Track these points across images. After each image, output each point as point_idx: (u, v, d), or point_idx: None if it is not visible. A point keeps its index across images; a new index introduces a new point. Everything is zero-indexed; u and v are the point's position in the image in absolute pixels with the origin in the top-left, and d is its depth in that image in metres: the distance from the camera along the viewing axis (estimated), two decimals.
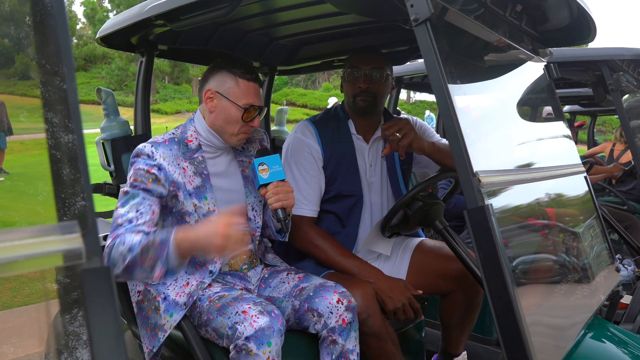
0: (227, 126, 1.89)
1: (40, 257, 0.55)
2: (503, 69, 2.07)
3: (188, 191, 1.85)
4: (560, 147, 2.24)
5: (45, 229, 0.56)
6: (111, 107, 2.44)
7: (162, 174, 1.79)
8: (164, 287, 1.85)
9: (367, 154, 2.33)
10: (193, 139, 1.91)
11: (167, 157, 1.81)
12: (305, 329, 1.89)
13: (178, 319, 1.80)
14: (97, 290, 0.57)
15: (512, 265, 1.30)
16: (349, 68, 2.26)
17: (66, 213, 0.61)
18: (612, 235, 4.15)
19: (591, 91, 3.38)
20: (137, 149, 1.83)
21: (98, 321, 0.56)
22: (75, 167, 0.60)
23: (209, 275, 1.89)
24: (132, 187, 1.76)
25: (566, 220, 2.00)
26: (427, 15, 1.25)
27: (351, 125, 2.33)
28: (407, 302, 2.05)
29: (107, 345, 0.56)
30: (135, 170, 1.78)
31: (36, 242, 0.55)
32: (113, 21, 2.25)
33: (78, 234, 0.56)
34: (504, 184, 1.42)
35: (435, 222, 2.05)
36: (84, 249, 0.56)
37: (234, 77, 1.87)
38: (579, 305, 1.75)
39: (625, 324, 2.58)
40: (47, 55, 0.64)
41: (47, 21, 0.64)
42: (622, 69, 3.00)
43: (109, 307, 0.57)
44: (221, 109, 1.88)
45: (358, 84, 2.23)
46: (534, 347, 1.18)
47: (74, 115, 0.61)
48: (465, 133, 1.24)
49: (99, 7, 39.14)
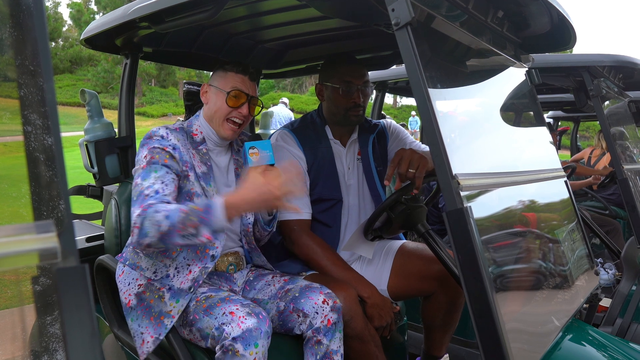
0: (216, 114, 1.99)
1: (16, 255, 0.55)
2: (485, 74, 2.09)
3: (197, 174, 1.92)
4: (541, 151, 2.27)
5: (21, 227, 0.57)
6: (95, 109, 2.43)
7: (176, 153, 1.87)
8: (168, 280, 1.86)
9: (345, 158, 2.38)
10: (198, 133, 2.01)
11: (180, 140, 1.91)
12: (290, 331, 1.89)
13: (185, 304, 1.82)
14: (72, 289, 0.57)
15: (491, 268, 1.32)
16: (342, 82, 2.26)
17: (42, 212, 0.61)
18: (594, 240, 4.22)
19: (573, 97, 3.43)
20: (150, 131, 1.92)
21: (73, 320, 0.56)
22: (52, 166, 0.60)
23: (210, 260, 1.91)
24: (149, 163, 1.82)
25: (546, 224, 2.02)
26: (407, 20, 1.26)
27: (328, 130, 2.38)
28: (391, 320, 2.10)
29: (81, 343, 0.56)
30: (150, 149, 1.85)
31: (11, 241, 0.55)
32: (97, 23, 2.25)
33: (54, 233, 0.56)
34: (484, 186, 1.44)
35: (417, 225, 2.06)
36: (59, 248, 0.56)
37: (224, 71, 2.01)
38: (558, 308, 1.77)
39: (605, 327, 2.61)
40: (25, 55, 0.64)
41: (24, 21, 0.64)
42: (603, 75, 3.04)
43: (84, 306, 0.57)
44: (211, 98, 2.02)
45: (352, 99, 2.25)
46: (512, 348, 1.20)
47: (51, 114, 0.61)
48: (445, 137, 1.26)
49: (85, 9, 38.90)
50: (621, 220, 4.98)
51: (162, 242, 1.67)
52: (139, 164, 1.84)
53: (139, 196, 1.74)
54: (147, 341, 1.81)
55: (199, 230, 1.63)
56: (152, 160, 1.82)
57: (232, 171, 2.10)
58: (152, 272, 1.89)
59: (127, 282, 1.93)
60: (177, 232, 1.64)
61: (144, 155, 1.85)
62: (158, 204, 1.70)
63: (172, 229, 1.63)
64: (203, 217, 1.63)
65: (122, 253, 2.02)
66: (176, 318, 1.80)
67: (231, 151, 2.12)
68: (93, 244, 2.58)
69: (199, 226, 1.63)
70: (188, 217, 1.63)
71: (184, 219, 1.63)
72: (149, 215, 1.66)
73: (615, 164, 2.81)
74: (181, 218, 1.63)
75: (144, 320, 1.84)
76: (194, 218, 1.63)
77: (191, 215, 1.63)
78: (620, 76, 3.37)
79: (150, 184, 1.76)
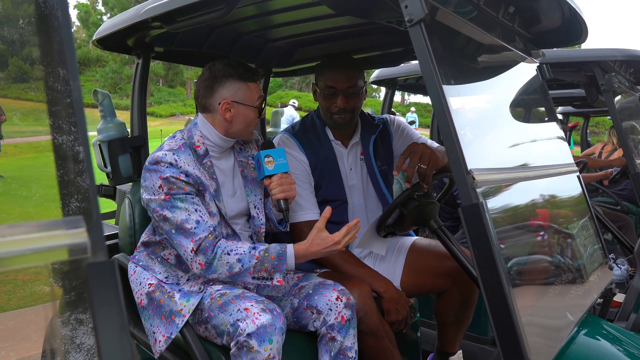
0: (247, 128, 1.99)
1: (46, 251, 0.56)
2: (496, 69, 2.09)
3: (211, 193, 1.91)
4: (554, 147, 2.27)
5: (51, 223, 0.58)
6: (108, 109, 2.45)
7: (190, 180, 1.83)
8: (178, 286, 1.91)
9: (347, 159, 2.37)
10: (200, 145, 1.94)
11: (189, 163, 1.86)
12: (304, 328, 1.90)
13: (195, 303, 1.84)
14: (102, 283, 0.58)
15: (506, 263, 1.32)
16: (325, 87, 2.26)
17: (71, 208, 0.62)
18: (606, 235, 4.19)
19: (584, 92, 3.41)
20: (156, 156, 1.83)
21: (103, 314, 0.57)
22: (79, 162, 0.61)
23: None
24: (169, 194, 1.80)
25: (560, 219, 2.02)
26: (421, 16, 1.26)
27: (329, 132, 2.37)
28: (406, 314, 2.11)
29: (112, 336, 0.57)
30: (163, 179, 1.80)
31: (42, 237, 0.56)
32: (109, 23, 2.26)
33: (83, 228, 0.58)
34: (498, 181, 1.44)
35: (430, 221, 2.06)
36: (89, 243, 0.57)
37: (244, 82, 1.93)
38: (572, 303, 1.77)
39: (619, 322, 2.60)
40: (51, 55, 0.66)
41: (50, 21, 0.65)
42: (614, 69, 3.03)
43: (113, 299, 0.58)
44: (240, 115, 1.95)
45: (334, 102, 2.25)
46: (529, 343, 1.20)
47: (77, 111, 0.62)
48: (459, 132, 1.26)
49: (93, 11, 39.06)
50: (633, 215, 4.95)
51: (231, 278, 1.83)
52: (155, 194, 1.81)
53: (179, 230, 1.79)
54: (159, 340, 1.83)
55: (273, 275, 1.80)
56: (171, 192, 1.79)
57: (238, 175, 2.07)
58: (164, 276, 1.92)
59: (138, 282, 1.95)
60: (249, 274, 1.79)
61: (158, 185, 1.80)
62: (222, 242, 1.82)
63: (244, 271, 1.79)
64: (277, 265, 1.79)
65: (134, 255, 2.04)
66: (187, 317, 1.81)
67: (233, 153, 2.09)
68: (107, 243, 2.60)
69: (272, 272, 1.79)
70: (262, 264, 1.78)
71: (257, 265, 1.78)
72: (219, 256, 1.78)
73: (627, 158, 2.80)
74: (254, 264, 1.78)
75: (155, 320, 1.86)
76: (267, 265, 1.78)
77: (265, 263, 1.78)
78: (632, 70, 3.35)
79: (186, 216, 1.79)
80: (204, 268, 1.79)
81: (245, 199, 2.04)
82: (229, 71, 1.92)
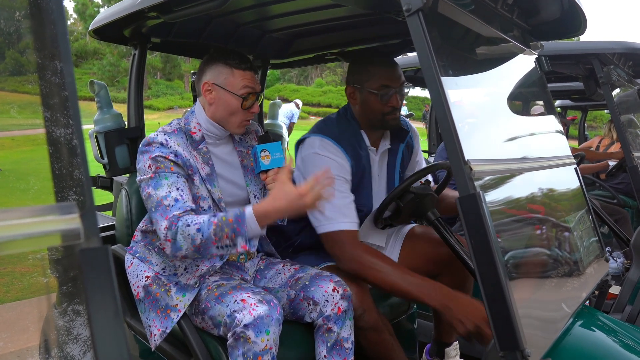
0: (230, 117, 1.94)
1: (39, 236, 0.56)
2: (495, 61, 2.08)
3: (202, 177, 1.88)
4: (551, 139, 2.26)
5: (44, 209, 0.57)
6: (104, 100, 2.44)
7: (179, 160, 1.82)
8: (175, 277, 1.89)
9: (377, 165, 2.28)
10: (196, 131, 1.94)
11: (180, 144, 1.85)
12: (300, 319, 1.91)
13: (191, 298, 1.83)
14: (95, 269, 0.58)
15: (503, 254, 1.32)
16: (378, 87, 2.12)
17: (65, 194, 0.61)
18: (602, 228, 4.21)
19: (582, 85, 3.41)
20: (149, 137, 1.85)
21: (97, 300, 0.57)
22: (73, 149, 0.61)
23: (219, 260, 1.92)
24: (156, 172, 1.78)
25: (557, 212, 2.02)
26: (419, 6, 1.26)
27: (365, 136, 2.24)
28: (482, 323, 1.67)
29: (106, 322, 0.57)
30: (152, 158, 1.80)
31: (35, 222, 0.55)
32: (106, 13, 2.25)
33: (76, 214, 0.57)
34: (496, 172, 1.44)
35: (427, 213, 2.07)
36: (82, 229, 0.57)
37: (229, 67, 1.91)
38: (568, 295, 1.77)
39: (614, 314, 2.61)
40: (44, 44, 0.65)
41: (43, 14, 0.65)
42: (613, 62, 3.02)
43: (107, 286, 0.58)
44: (220, 100, 1.92)
45: (391, 103, 2.13)
46: (525, 333, 1.20)
47: (71, 98, 0.62)
48: (457, 124, 1.26)
49: (90, 3, 38.84)
50: (629, 209, 4.96)
51: (198, 253, 1.72)
52: (144, 174, 1.80)
53: (158, 207, 1.74)
54: (154, 334, 1.83)
55: (235, 241, 1.68)
56: (158, 170, 1.79)
57: (236, 163, 2.05)
58: (161, 268, 1.91)
59: (135, 274, 1.95)
60: (213, 244, 1.69)
61: (147, 165, 1.80)
62: (186, 216, 1.72)
63: (206, 241, 1.68)
64: (237, 228, 1.67)
65: (131, 246, 2.03)
66: (182, 312, 1.81)
67: (232, 142, 2.07)
68: (103, 235, 2.59)
69: (234, 237, 1.68)
70: (222, 229, 1.67)
71: (217, 231, 1.67)
72: (180, 229, 1.69)
73: (625, 151, 2.80)
74: (213, 230, 1.67)
75: (151, 313, 1.87)
76: (228, 230, 1.67)
77: (224, 227, 1.67)
78: (630, 64, 3.35)
79: (166, 193, 1.75)
80: (170, 244, 1.71)
81: (245, 188, 2.03)
82: (217, 56, 1.93)
